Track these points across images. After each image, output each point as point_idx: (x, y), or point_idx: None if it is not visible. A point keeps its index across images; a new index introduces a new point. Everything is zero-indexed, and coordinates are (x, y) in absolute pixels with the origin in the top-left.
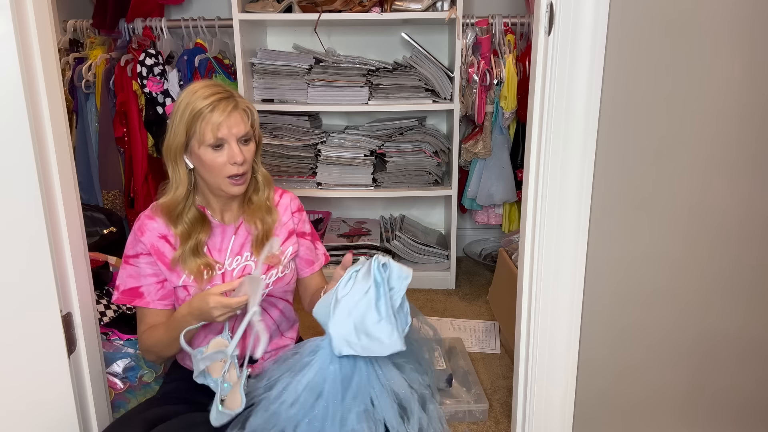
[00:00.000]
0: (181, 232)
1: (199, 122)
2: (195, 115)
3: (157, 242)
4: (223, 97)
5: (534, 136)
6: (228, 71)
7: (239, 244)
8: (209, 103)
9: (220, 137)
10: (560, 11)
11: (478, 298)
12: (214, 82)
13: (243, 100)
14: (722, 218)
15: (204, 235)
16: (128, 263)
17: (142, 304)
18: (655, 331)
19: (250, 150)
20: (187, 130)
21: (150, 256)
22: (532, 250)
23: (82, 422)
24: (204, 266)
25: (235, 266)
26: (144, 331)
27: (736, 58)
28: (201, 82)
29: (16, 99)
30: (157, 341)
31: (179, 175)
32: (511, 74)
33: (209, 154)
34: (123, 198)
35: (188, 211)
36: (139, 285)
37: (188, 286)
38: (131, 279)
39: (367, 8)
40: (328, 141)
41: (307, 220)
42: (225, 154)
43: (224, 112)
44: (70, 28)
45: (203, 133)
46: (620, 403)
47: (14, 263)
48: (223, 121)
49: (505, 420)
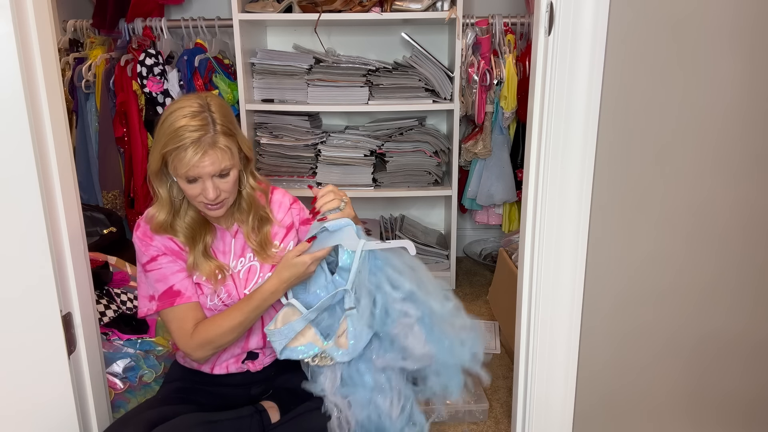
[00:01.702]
0: (186, 239)
1: (173, 156)
2: (169, 149)
3: (168, 243)
4: (200, 135)
5: (534, 136)
6: (228, 71)
7: (240, 246)
8: (184, 142)
9: (192, 176)
10: (560, 11)
11: (478, 298)
12: (201, 104)
13: (223, 137)
14: (723, 218)
15: (209, 237)
16: (148, 270)
17: (184, 301)
18: (656, 332)
19: (228, 182)
20: (162, 157)
21: (168, 256)
22: (532, 250)
23: (82, 422)
24: (217, 269)
25: (240, 267)
26: (194, 329)
27: (736, 57)
28: (186, 105)
29: (16, 99)
30: (226, 329)
31: (160, 195)
32: (511, 74)
33: (183, 183)
34: (123, 198)
35: (184, 218)
36: (172, 284)
37: (201, 285)
38: (160, 283)
39: (367, 8)
40: (328, 141)
41: (303, 207)
42: (198, 187)
43: (196, 154)
44: (70, 28)
45: (176, 167)
46: (620, 403)
47: (14, 263)
48: (197, 162)
49: (505, 420)
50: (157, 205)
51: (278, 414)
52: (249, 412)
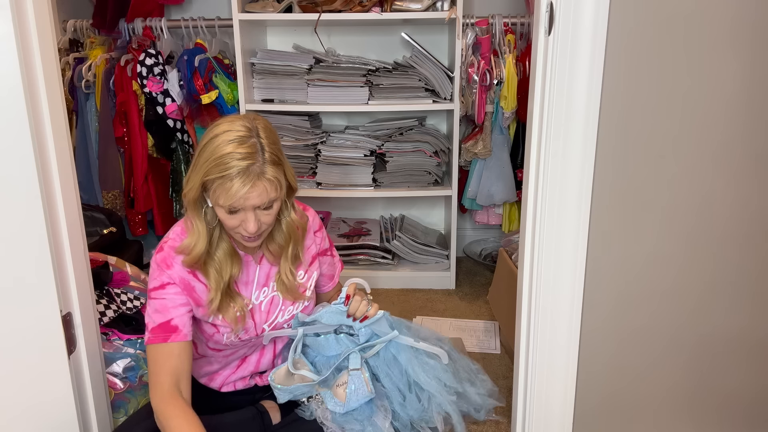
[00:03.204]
0: (214, 279)
1: (216, 185)
2: (213, 177)
3: (186, 276)
4: (249, 165)
5: (534, 136)
6: (228, 71)
7: (264, 274)
8: (231, 171)
9: (235, 207)
10: (560, 11)
11: (478, 298)
12: (248, 128)
13: (271, 168)
14: (723, 218)
15: (236, 270)
16: (152, 297)
17: (179, 339)
18: (656, 332)
19: (270, 214)
20: (202, 183)
21: (177, 287)
22: (532, 250)
23: (82, 422)
24: (239, 310)
25: (263, 299)
26: (168, 384)
27: (737, 57)
28: (233, 129)
29: (16, 99)
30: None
31: (197, 227)
32: (511, 74)
33: (222, 213)
34: (123, 198)
35: (217, 250)
36: (171, 318)
37: (218, 326)
38: (158, 314)
39: (367, 8)
40: (328, 141)
41: (326, 235)
42: (239, 218)
43: (245, 186)
44: (70, 28)
45: (218, 197)
46: (620, 403)
47: (14, 263)
48: (244, 194)
49: (506, 420)
50: (192, 236)
51: (279, 415)
52: (251, 414)
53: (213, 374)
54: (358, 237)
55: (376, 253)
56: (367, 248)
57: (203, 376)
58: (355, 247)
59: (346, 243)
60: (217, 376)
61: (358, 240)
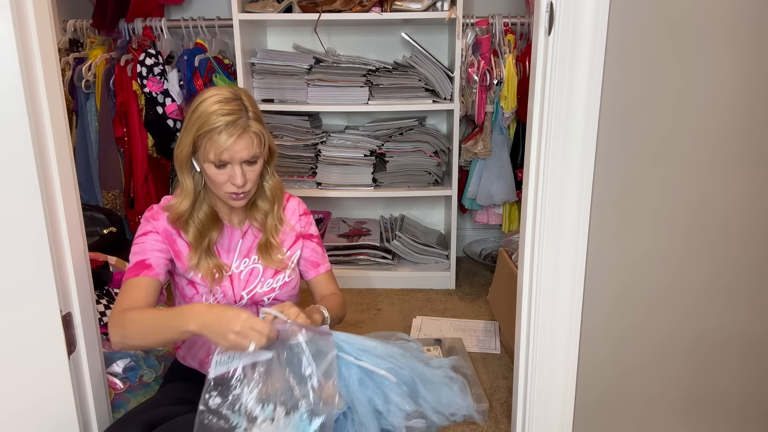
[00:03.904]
0: (194, 236)
1: (205, 140)
2: (202, 133)
3: (170, 229)
4: (235, 119)
5: (534, 136)
6: (228, 71)
7: (247, 247)
8: (219, 125)
9: (223, 160)
10: (560, 11)
11: (478, 298)
12: (233, 92)
13: (255, 123)
14: (723, 218)
15: (216, 234)
16: (135, 243)
17: (150, 275)
18: (656, 332)
19: (254, 170)
20: (193, 142)
21: (159, 235)
22: (532, 250)
23: (82, 422)
24: (215, 267)
25: (243, 268)
26: (127, 308)
27: (736, 57)
28: (219, 93)
29: (16, 99)
30: (137, 325)
31: (185, 185)
32: (511, 74)
33: (212, 170)
34: (123, 198)
35: (199, 211)
36: (146, 258)
37: (196, 284)
38: (137, 255)
39: (367, 8)
40: (328, 141)
41: (313, 223)
42: (227, 174)
43: (231, 137)
44: (70, 28)
45: (207, 151)
46: (620, 403)
47: (14, 263)
48: (230, 146)
49: (505, 420)
50: (180, 195)
51: None
52: None
53: (203, 359)
54: (358, 237)
55: (376, 253)
56: (367, 248)
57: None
58: (355, 247)
59: (346, 243)
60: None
61: (358, 240)
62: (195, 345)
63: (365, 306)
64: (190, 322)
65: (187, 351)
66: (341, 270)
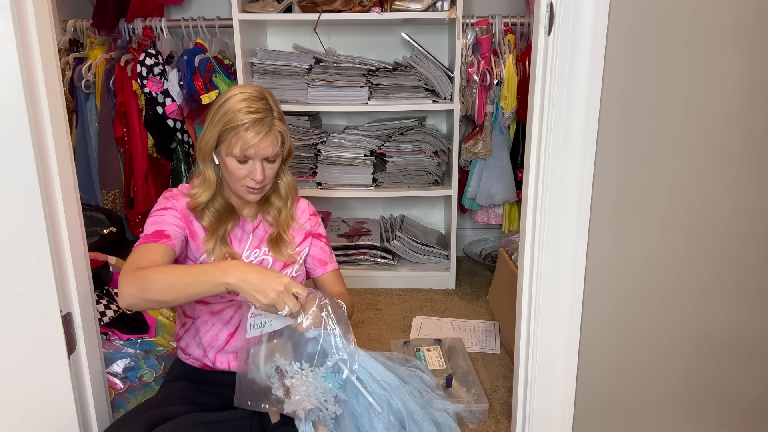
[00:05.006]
0: (210, 224)
1: (232, 135)
2: (230, 127)
3: (188, 213)
4: (262, 117)
5: (534, 136)
6: (228, 71)
7: (258, 239)
8: (246, 122)
9: (248, 156)
10: (560, 11)
11: (478, 298)
12: (258, 91)
13: (279, 123)
14: (723, 218)
15: (231, 225)
16: (151, 215)
17: (168, 243)
18: (656, 331)
19: (273, 167)
20: (219, 135)
21: (178, 213)
22: (532, 250)
23: (82, 422)
24: (228, 255)
25: (253, 258)
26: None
27: (737, 57)
28: (246, 91)
29: (16, 99)
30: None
31: (208, 175)
32: (511, 74)
33: (233, 163)
34: (123, 198)
35: (215, 202)
36: (164, 228)
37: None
38: (154, 226)
39: (367, 8)
40: (328, 141)
41: (321, 224)
42: (247, 169)
43: (258, 135)
44: (70, 28)
45: (232, 146)
46: (620, 403)
47: (14, 263)
48: (255, 144)
49: (505, 420)
50: (201, 185)
51: (278, 415)
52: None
53: (206, 346)
54: (358, 237)
55: (376, 253)
56: (367, 248)
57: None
58: (355, 247)
59: (346, 243)
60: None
61: (358, 240)
62: (200, 331)
63: (365, 306)
64: (229, 276)
65: (192, 338)
66: (341, 270)
